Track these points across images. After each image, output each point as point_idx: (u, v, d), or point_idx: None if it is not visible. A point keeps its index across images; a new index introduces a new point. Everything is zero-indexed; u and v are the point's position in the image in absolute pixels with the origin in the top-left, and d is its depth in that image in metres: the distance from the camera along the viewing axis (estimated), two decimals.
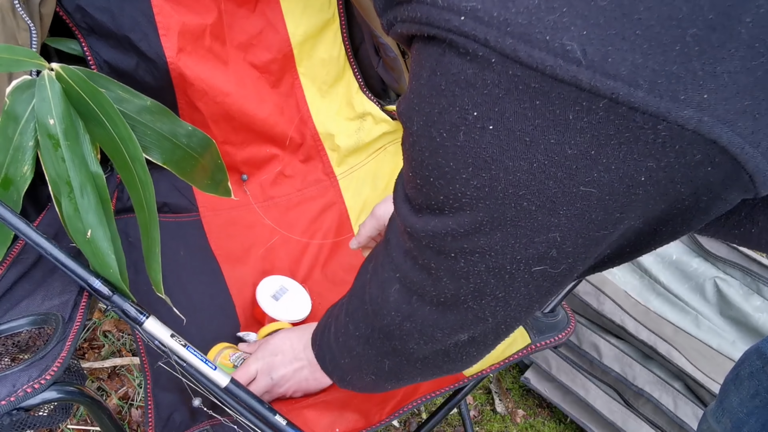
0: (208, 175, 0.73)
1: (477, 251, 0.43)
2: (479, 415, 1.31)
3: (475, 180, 0.39)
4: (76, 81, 0.63)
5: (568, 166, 0.37)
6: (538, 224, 0.40)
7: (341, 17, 1.12)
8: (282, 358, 0.77)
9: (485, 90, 0.36)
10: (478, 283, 0.46)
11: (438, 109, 0.39)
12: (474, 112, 0.37)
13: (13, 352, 0.64)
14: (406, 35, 0.41)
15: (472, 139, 0.38)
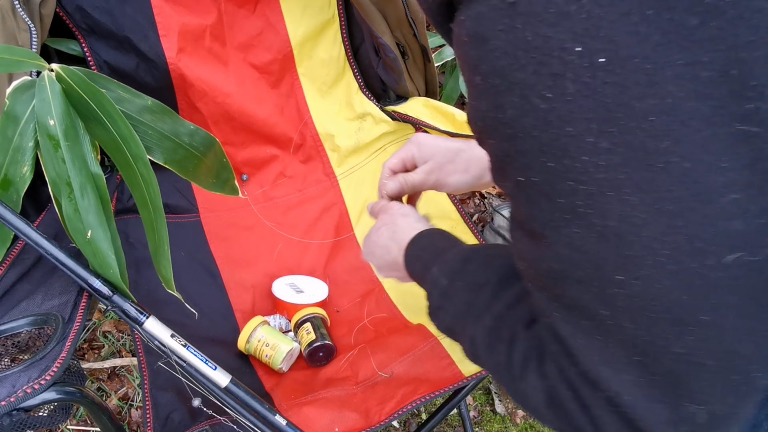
0: (213, 174, 0.73)
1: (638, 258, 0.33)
2: (479, 416, 1.31)
3: (604, 140, 0.31)
4: (76, 81, 0.63)
5: (708, 95, 0.29)
6: (703, 188, 0.30)
7: (341, 18, 1.12)
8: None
9: (582, 14, 0.30)
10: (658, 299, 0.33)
11: (532, 68, 0.32)
12: (577, 47, 0.30)
13: (12, 352, 0.64)
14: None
15: (584, 84, 0.31)
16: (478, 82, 0.35)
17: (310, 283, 1.03)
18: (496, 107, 0.35)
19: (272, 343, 0.90)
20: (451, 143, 0.73)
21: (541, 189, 0.35)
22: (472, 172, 0.71)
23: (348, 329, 0.98)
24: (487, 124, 0.36)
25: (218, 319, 0.96)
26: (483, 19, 0.34)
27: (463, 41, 0.36)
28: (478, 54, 0.35)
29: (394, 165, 0.76)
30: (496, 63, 0.34)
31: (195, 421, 0.76)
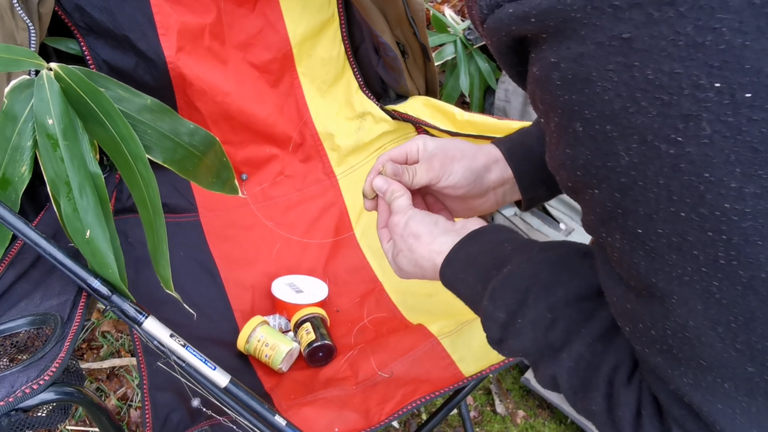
0: (213, 173, 0.73)
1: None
2: (479, 416, 1.31)
3: (751, 185, 0.28)
4: (75, 80, 0.62)
5: None
6: None
7: (341, 17, 1.12)
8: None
9: (721, 44, 0.27)
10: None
11: (656, 110, 0.29)
12: (715, 83, 0.27)
13: (11, 352, 0.64)
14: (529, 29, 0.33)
15: (724, 124, 0.27)
16: (579, 128, 0.32)
17: (309, 282, 1.03)
18: (607, 155, 0.32)
19: (272, 343, 0.89)
20: (460, 140, 0.67)
21: (669, 241, 0.31)
22: (480, 160, 0.63)
23: (348, 329, 0.98)
24: (592, 173, 0.33)
25: (217, 319, 0.96)
26: (586, 59, 0.30)
27: (553, 85, 0.33)
28: (579, 98, 0.32)
29: (395, 156, 0.67)
30: (607, 107, 0.30)
31: (194, 422, 0.76)
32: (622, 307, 0.38)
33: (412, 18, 1.04)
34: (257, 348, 0.90)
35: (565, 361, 0.45)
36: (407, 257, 0.60)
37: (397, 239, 0.61)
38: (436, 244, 0.58)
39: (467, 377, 0.82)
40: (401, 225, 0.60)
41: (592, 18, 0.30)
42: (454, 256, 0.55)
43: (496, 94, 1.67)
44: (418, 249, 0.59)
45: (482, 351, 0.84)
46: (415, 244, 0.59)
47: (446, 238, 0.58)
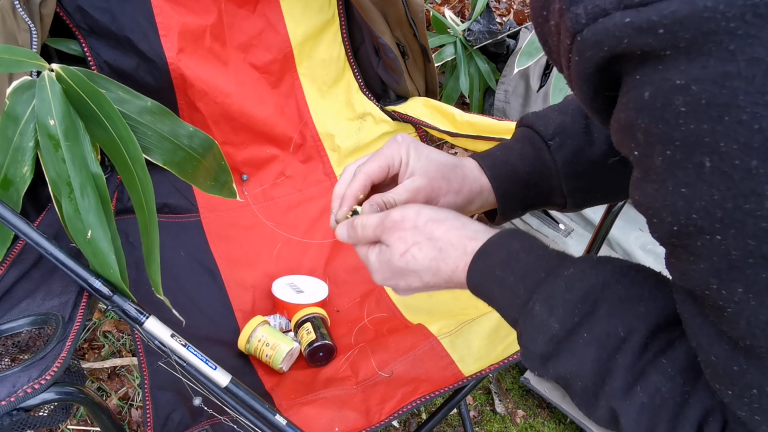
0: (211, 176, 0.73)
1: None
2: (479, 416, 1.31)
3: None
4: (76, 82, 0.63)
5: None
6: None
7: (341, 18, 1.12)
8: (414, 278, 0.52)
9: None
10: None
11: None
12: None
13: (13, 352, 0.64)
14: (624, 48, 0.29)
15: None
16: (705, 164, 0.27)
17: (310, 283, 1.03)
18: (746, 196, 0.27)
19: (272, 343, 0.90)
20: (445, 156, 0.58)
21: None
22: (464, 194, 0.57)
23: (348, 329, 0.98)
24: (717, 217, 0.28)
25: (218, 318, 0.96)
26: (733, 79, 0.25)
27: (674, 112, 0.28)
28: (714, 128, 0.26)
29: (376, 174, 0.56)
30: (756, 138, 0.25)
31: (195, 421, 0.76)
32: (725, 368, 0.33)
33: (412, 19, 1.04)
34: (258, 348, 0.90)
35: (636, 395, 0.37)
36: (426, 247, 0.49)
37: (407, 233, 0.49)
38: (468, 230, 0.48)
39: (467, 377, 0.82)
40: (410, 215, 0.50)
41: (752, 29, 0.24)
42: (490, 248, 0.46)
43: (496, 95, 1.67)
44: (445, 234, 0.48)
45: (482, 351, 0.84)
46: (438, 230, 0.49)
47: (480, 226, 0.49)
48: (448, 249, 0.48)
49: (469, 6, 1.93)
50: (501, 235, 0.48)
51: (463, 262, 0.48)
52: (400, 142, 0.57)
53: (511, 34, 1.72)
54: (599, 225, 0.87)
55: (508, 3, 2.15)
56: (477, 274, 0.47)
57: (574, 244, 1.50)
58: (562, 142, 0.57)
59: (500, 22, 1.85)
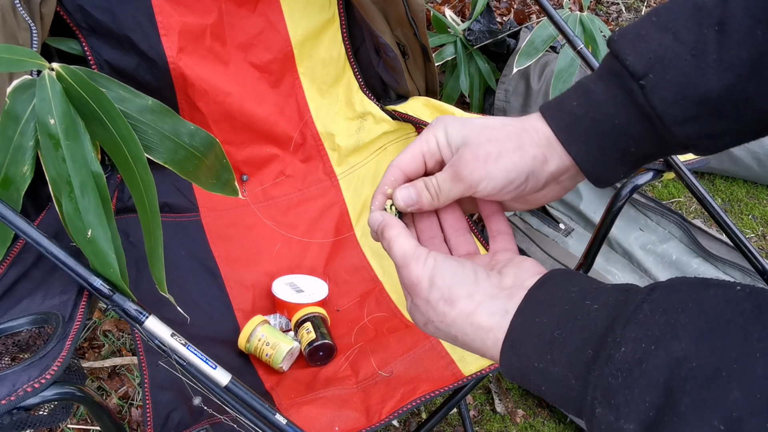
0: (213, 175, 0.73)
1: None
2: (479, 415, 1.31)
3: None
4: (76, 81, 0.63)
5: None
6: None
7: (341, 17, 1.12)
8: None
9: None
10: None
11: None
12: None
13: (13, 351, 0.64)
14: None
15: None
16: None
17: (310, 282, 1.03)
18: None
19: (272, 342, 0.90)
20: (493, 119, 0.47)
21: None
22: (529, 150, 0.45)
23: (348, 328, 0.98)
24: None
25: (218, 318, 0.97)
26: None
27: None
28: None
29: (407, 163, 0.48)
30: None
31: (195, 420, 0.76)
32: None
33: (413, 18, 1.04)
34: (258, 347, 0.90)
35: None
36: (441, 329, 0.43)
37: (420, 303, 0.43)
38: (481, 315, 0.40)
39: (467, 376, 0.82)
40: (423, 285, 0.42)
41: None
42: (518, 337, 0.38)
43: (496, 94, 1.67)
44: (458, 321, 0.41)
45: None
46: (450, 314, 0.41)
47: (494, 304, 0.40)
48: (465, 339, 0.41)
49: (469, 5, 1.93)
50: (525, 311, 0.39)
51: (489, 354, 0.41)
52: (434, 124, 0.48)
53: (511, 33, 1.72)
54: (599, 225, 0.87)
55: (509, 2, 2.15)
56: (513, 370, 0.38)
57: (574, 244, 1.50)
58: (659, 78, 0.41)
59: (500, 22, 1.85)
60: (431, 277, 0.42)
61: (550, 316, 0.37)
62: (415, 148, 0.47)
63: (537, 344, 0.37)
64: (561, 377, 0.35)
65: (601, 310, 0.35)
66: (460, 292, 0.41)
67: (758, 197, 1.80)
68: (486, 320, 0.40)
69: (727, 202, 1.79)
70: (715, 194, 1.81)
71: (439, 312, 0.42)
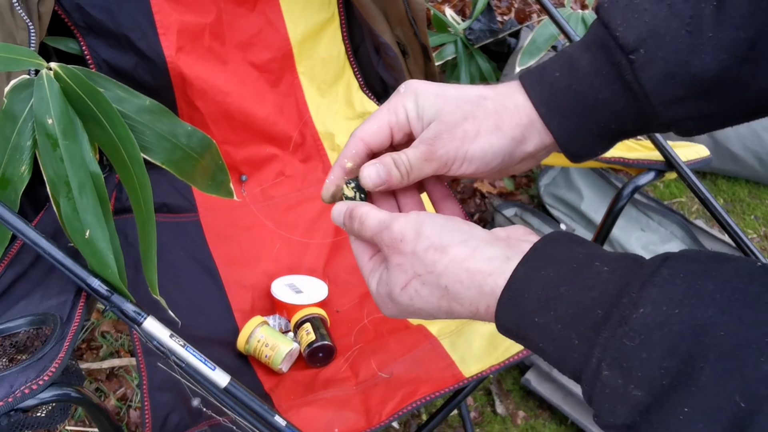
0: (209, 176, 0.73)
1: None
2: (479, 417, 1.31)
3: None
4: (74, 80, 0.62)
5: None
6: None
7: (341, 16, 1.12)
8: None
9: None
10: None
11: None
12: None
13: (10, 352, 0.63)
14: None
15: None
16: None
17: (309, 283, 1.03)
18: None
19: (272, 344, 0.89)
20: (467, 89, 0.43)
21: None
22: (507, 130, 0.42)
23: (348, 329, 0.98)
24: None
25: (217, 319, 0.96)
26: None
27: None
28: None
29: (372, 135, 0.43)
30: None
31: (194, 422, 0.76)
32: None
33: (413, 18, 1.04)
34: (257, 348, 0.90)
35: None
36: (427, 283, 0.38)
37: (403, 261, 0.39)
38: (479, 259, 0.37)
39: (467, 378, 0.82)
40: (408, 236, 0.39)
41: None
42: (518, 286, 0.35)
43: None
44: (450, 269, 0.37)
45: (482, 351, 0.84)
46: (441, 261, 0.38)
47: (492, 249, 0.37)
48: (457, 288, 0.37)
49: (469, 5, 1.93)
50: (529, 261, 0.36)
51: (483, 304, 0.37)
52: (403, 92, 0.43)
53: (512, 33, 1.71)
54: (600, 225, 0.87)
55: (509, 2, 2.14)
56: (509, 323, 0.36)
57: None
58: (651, 54, 0.38)
59: (501, 21, 1.84)
60: (417, 228, 0.39)
61: (557, 272, 0.34)
62: (382, 119, 0.43)
63: (540, 298, 0.34)
64: (562, 335, 0.33)
65: (612, 272, 0.33)
66: (452, 238, 0.38)
67: (760, 197, 1.80)
68: (484, 264, 0.37)
69: (729, 202, 1.79)
70: (717, 194, 1.80)
71: (428, 262, 0.38)
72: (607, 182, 1.55)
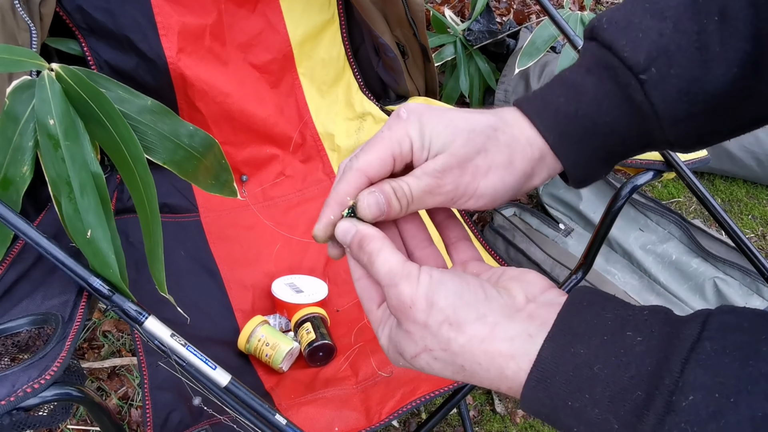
0: (212, 175, 0.73)
1: None
2: (479, 416, 1.31)
3: None
4: (76, 81, 0.63)
5: None
6: None
7: (341, 17, 1.12)
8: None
9: None
10: None
11: None
12: None
13: (12, 352, 0.64)
14: None
15: None
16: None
17: (309, 282, 1.03)
18: None
19: (272, 343, 0.90)
20: (477, 117, 0.40)
21: None
22: (518, 167, 0.40)
23: (348, 329, 0.98)
24: None
25: (218, 318, 0.96)
26: None
27: None
28: None
29: (375, 169, 0.39)
30: None
31: (195, 421, 0.76)
32: None
33: (412, 19, 1.04)
34: (258, 347, 0.90)
35: None
36: (441, 359, 0.35)
37: (415, 330, 0.35)
38: (499, 340, 0.34)
39: None
40: (419, 306, 0.35)
41: None
42: (549, 370, 0.32)
43: (496, 94, 1.67)
44: (467, 349, 0.34)
45: None
46: (457, 341, 0.34)
47: (513, 327, 0.34)
48: (475, 368, 0.34)
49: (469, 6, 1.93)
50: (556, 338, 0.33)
51: (505, 386, 0.34)
52: (406, 118, 0.39)
53: (511, 33, 1.72)
54: (599, 225, 0.87)
55: (508, 3, 2.15)
56: (538, 406, 0.33)
57: (574, 244, 1.50)
58: (663, 72, 0.37)
59: (500, 22, 1.85)
60: (429, 297, 0.35)
61: (588, 347, 0.31)
62: (385, 150, 0.39)
63: (572, 380, 0.31)
64: (601, 420, 0.30)
65: (646, 343, 0.30)
66: (468, 314, 0.34)
67: (758, 197, 1.80)
68: (505, 346, 0.33)
69: (727, 202, 1.79)
70: (715, 194, 1.81)
71: (442, 338, 0.34)
72: (606, 182, 1.55)
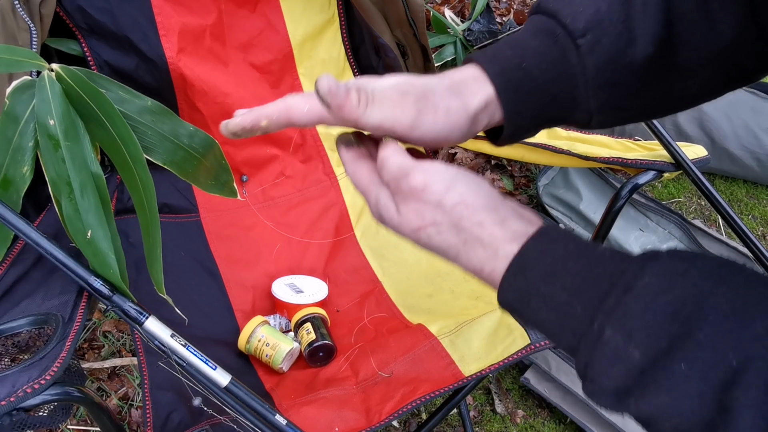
0: (212, 176, 0.73)
1: None
2: (479, 416, 1.31)
3: None
4: (76, 81, 0.63)
5: None
6: None
7: (341, 18, 1.12)
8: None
9: None
10: None
11: None
12: None
13: (13, 352, 0.64)
14: None
15: None
16: None
17: (309, 282, 1.03)
18: None
19: (272, 343, 0.90)
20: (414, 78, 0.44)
21: None
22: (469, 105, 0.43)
23: (348, 329, 0.98)
24: None
25: (218, 319, 0.96)
26: None
27: None
28: None
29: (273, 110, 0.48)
30: None
31: (195, 421, 0.76)
32: None
33: (412, 19, 1.04)
34: (258, 348, 0.90)
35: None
36: (447, 233, 0.39)
37: (424, 208, 0.39)
38: (507, 228, 0.39)
39: (467, 377, 0.82)
40: (438, 188, 0.39)
41: None
42: (528, 257, 0.37)
43: None
44: (476, 228, 0.39)
45: (482, 351, 0.84)
46: (469, 219, 0.39)
47: (519, 224, 0.39)
48: (475, 246, 0.39)
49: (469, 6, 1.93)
50: (540, 239, 0.38)
51: (489, 268, 0.39)
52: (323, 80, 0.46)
53: (511, 34, 1.72)
54: (599, 225, 0.87)
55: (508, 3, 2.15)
56: (513, 292, 0.38)
57: None
58: (596, 40, 0.42)
59: (500, 22, 1.85)
60: (449, 182, 0.39)
61: (565, 246, 0.37)
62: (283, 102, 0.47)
63: (549, 269, 0.36)
64: (566, 304, 0.35)
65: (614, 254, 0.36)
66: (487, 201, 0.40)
67: (758, 197, 1.80)
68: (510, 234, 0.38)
69: (727, 202, 1.79)
70: None
71: (454, 215, 0.39)
72: (606, 182, 1.55)
